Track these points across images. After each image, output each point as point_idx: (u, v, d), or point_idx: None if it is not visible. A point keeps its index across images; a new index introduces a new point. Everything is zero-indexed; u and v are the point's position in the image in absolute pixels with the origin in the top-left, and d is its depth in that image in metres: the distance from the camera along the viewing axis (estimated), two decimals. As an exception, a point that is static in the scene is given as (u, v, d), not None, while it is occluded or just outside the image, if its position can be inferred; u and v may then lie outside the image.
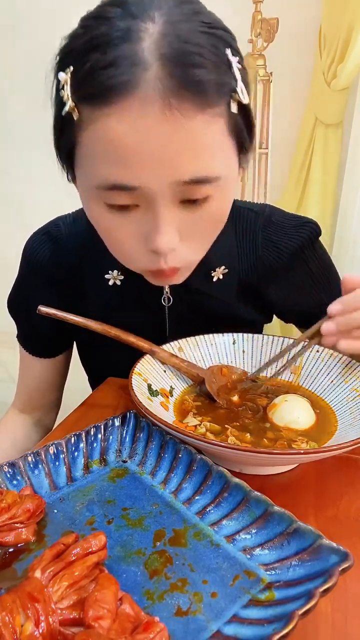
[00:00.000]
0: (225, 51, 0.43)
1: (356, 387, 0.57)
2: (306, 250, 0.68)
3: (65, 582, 0.33)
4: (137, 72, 0.39)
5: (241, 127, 0.47)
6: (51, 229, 0.69)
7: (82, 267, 0.68)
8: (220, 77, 0.42)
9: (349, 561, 0.34)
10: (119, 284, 0.67)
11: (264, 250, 0.68)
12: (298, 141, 1.44)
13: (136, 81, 0.40)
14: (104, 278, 0.67)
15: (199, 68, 0.40)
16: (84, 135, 0.44)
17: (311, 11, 1.30)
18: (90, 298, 0.69)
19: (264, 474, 0.51)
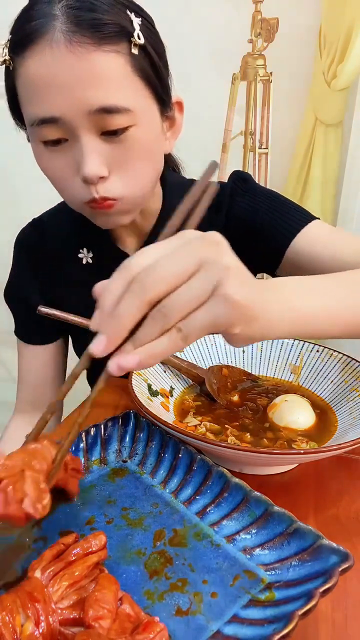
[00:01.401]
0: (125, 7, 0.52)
1: (356, 387, 0.57)
2: (236, 197, 0.70)
3: (65, 582, 0.33)
4: (47, 22, 0.49)
5: (146, 68, 0.54)
6: (35, 219, 0.78)
7: (61, 249, 0.74)
8: (115, 20, 0.50)
9: (349, 561, 0.34)
10: (91, 262, 0.72)
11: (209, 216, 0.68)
12: (298, 141, 1.44)
13: (46, 28, 0.49)
14: (78, 257, 0.72)
15: (96, 12, 0.50)
16: (17, 80, 0.53)
17: (311, 11, 1.30)
18: (69, 278, 0.74)
19: (264, 474, 0.51)
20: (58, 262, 0.74)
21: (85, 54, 0.49)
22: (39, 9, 0.50)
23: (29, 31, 0.50)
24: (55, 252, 0.74)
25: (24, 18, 0.52)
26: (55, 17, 0.49)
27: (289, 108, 1.41)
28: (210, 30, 1.41)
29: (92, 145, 0.53)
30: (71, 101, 0.50)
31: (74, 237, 0.72)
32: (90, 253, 0.72)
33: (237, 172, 0.73)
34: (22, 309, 0.79)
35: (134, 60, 0.52)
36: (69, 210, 0.62)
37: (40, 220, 0.77)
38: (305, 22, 1.32)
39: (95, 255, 0.72)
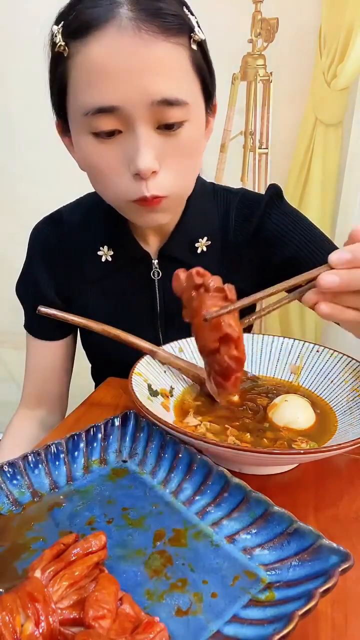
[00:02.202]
0: (182, 4, 0.53)
1: (356, 387, 0.57)
2: (269, 210, 0.72)
3: (66, 582, 0.33)
4: (112, 7, 0.49)
5: (202, 64, 0.55)
6: (53, 214, 0.76)
7: (80, 246, 0.73)
8: (181, 14, 0.51)
9: (349, 561, 0.34)
10: (110, 260, 0.71)
11: (237, 223, 0.72)
12: (298, 141, 1.44)
13: (111, 14, 0.48)
14: (97, 255, 0.72)
15: (163, 3, 0.50)
16: (72, 67, 0.52)
17: (311, 11, 1.30)
18: (87, 276, 0.73)
19: (264, 474, 0.51)
20: (76, 259, 0.73)
21: (154, 43, 0.49)
22: None
23: (93, 16, 0.49)
24: (74, 248, 0.73)
25: (84, 4, 0.50)
26: (119, 3, 0.49)
27: (289, 108, 1.41)
28: (210, 30, 1.40)
29: (147, 137, 0.52)
30: (135, 90, 0.49)
31: (94, 235, 0.72)
32: (110, 251, 0.71)
33: (274, 187, 0.73)
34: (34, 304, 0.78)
35: (193, 55, 0.53)
36: (89, 206, 0.62)
37: (59, 215, 0.76)
38: (305, 22, 1.32)
39: (116, 253, 0.71)
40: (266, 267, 0.74)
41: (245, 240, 0.72)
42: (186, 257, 0.71)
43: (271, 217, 0.72)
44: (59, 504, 0.45)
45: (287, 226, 0.72)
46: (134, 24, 0.48)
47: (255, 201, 0.73)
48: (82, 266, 0.73)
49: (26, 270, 0.78)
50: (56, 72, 0.54)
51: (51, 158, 1.53)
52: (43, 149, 1.50)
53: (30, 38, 1.49)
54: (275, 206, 0.73)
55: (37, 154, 1.51)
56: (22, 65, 1.43)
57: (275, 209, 0.72)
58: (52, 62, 0.55)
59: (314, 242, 0.70)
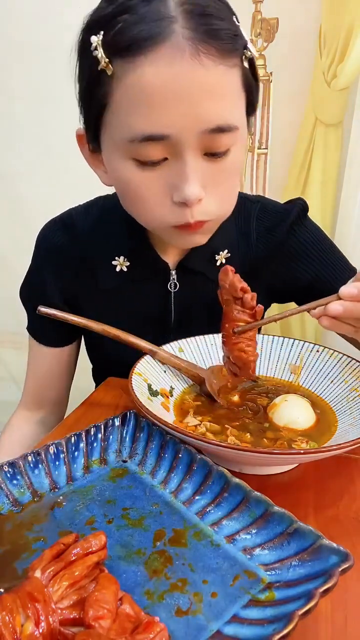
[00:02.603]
0: (232, 13, 0.49)
1: (356, 387, 0.57)
2: (295, 227, 0.71)
3: (66, 582, 0.33)
4: (165, 24, 0.44)
5: (251, 81, 0.51)
6: (64, 218, 0.73)
7: (92, 254, 0.70)
8: (235, 30, 0.47)
9: (349, 561, 0.34)
10: (126, 270, 0.69)
11: (258, 236, 0.71)
12: (298, 141, 1.44)
13: (166, 32, 0.44)
14: (112, 264, 0.69)
15: (219, 20, 0.46)
16: (117, 88, 0.47)
17: (311, 11, 1.30)
18: (100, 284, 0.71)
19: (264, 474, 0.51)
20: (88, 266, 0.71)
21: (212, 67, 0.45)
22: (153, 9, 0.44)
23: (145, 34, 0.44)
24: (86, 256, 0.70)
25: (131, 16, 0.45)
26: (173, 19, 0.44)
27: (289, 108, 1.41)
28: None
29: (195, 165, 0.49)
30: (189, 118, 0.46)
31: (109, 244, 0.69)
32: (127, 262, 0.68)
33: (301, 203, 0.72)
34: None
35: (244, 73, 0.50)
36: (102, 212, 0.58)
37: (70, 219, 0.72)
38: (305, 22, 1.32)
39: (133, 263, 0.68)
40: (284, 283, 0.74)
41: (266, 254, 0.71)
42: (206, 269, 0.69)
43: (296, 234, 0.71)
44: (59, 504, 0.45)
45: (310, 245, 0.72)
46: (192, 45, 0.44)
47: (279, 214, 0.71)
48: (94, 274, 0.71)
49: (32, 274, 0.76)
50: (95, 89, 0.49)
51: (51, 158, 1.53)
52: (43, 149, 1.51)
53: (31, 38, 1.50)
54: (301, 223, 0.71)
55: (37, 154, 1.51)
56: (23, 65, 1.44)
57: (301, 226, 0.71)
58: (91, 78, 0.49)
59: (335, 265, 0.72)
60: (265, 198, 0.75)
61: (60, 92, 1.33)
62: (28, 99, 1.45)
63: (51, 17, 1.33)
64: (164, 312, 0.71)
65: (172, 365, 0.63)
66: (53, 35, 1.39)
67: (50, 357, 0.79)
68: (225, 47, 0.45)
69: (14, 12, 1.49)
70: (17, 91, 1.53)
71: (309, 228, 0.73)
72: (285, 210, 0.72)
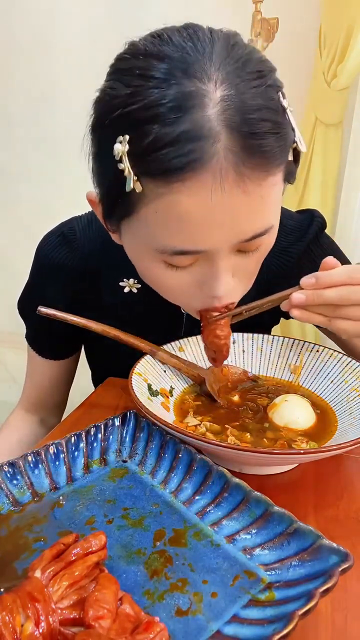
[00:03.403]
0: (279, 97, 0.43)
1: (356, 387, 0.57)
2: (312, 247, 0.69)
3: (66, 582, 0.33)
4: (206, 146, 0.38)
5: (292, 169, 0.47)
6: (66, 231, 0.68)
7: (96, 272, 0.68)
8: (284, 139, 0.42)
9: (349, 561, 0.34)
10: (135, 291, 0.67)
11: (273, 256, 0.67)
12: (298, 141, 1.44)
13: (208, 156, 0.38)
14: (119, 285, 0.67)
15: (267, 136, 0.40)
16: (147, 207, 0.43)
17: (311, 11, 1.30)
18: (105, 303, 0.69)
19: (264, 474, 0.51)
20: (91, 285, 0.68)
21: (257, 190, 0.41)
22: (191, 121, 0.37)
23: (184, 159, 0.38)
24: (89, 275, 0.67)
25: (164, 129, 0.38)
26: (216, 136, 0.38)
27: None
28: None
29: (227, 264, 0.47)
30: (227, 237, 0.44)
31: (116, 264, 0.64)
32: (138, 284, 0.66)
33: (319, 221, 0.69)
34: (40, 326, 0.73)
35: (287, 168, 0.46)
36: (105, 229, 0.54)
37: (73, 234, 0.68)
38: (305, 22, 1.32)
39: (144, 286, 0.63)
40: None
41: (280, 274, 0.68)
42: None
43: (313, 254, 0.69)
44: (59, 504, 0.45)
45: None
46: (235, 169, 0.39)
47: (294, 231, 0.68)
48: (99, 293, 0.68)
49: (31, 289, 0.73)
50: (119, 195, 0.44)
51: (51, 158, 1.53)
52: (43, 149, 1.50)
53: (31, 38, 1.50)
54: (318, 242, 0.69)
55: (37, 154, 1.51)
56: (23, 65, 1.44)
57: (318, 246, 0.69)
58: (114, 184, 0.43)
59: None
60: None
61: (60, 92, 1.33)
62: (28, 99, 1.45)
63: (51, 17, 1.33)
64: (174, 334, 0.69)
65: (172, 365, 0.63)
66: (54, 35, 1.39)
67: (49, 369, 0.79)
68: (272, 164, 0.41)
69: (14, 12, 1.49)
70: (17, 91, 1.53)
71: (326, 247, 0.70)
72: (302, 227, 0.69)
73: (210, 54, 0.40)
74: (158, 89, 0.38)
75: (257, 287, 0.68)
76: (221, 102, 0.38)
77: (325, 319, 0.52)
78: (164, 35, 0.42)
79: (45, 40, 1.37)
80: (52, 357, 0.77)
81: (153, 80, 0.39)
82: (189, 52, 0.40)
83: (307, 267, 0.67)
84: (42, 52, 1.39)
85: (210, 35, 0.42)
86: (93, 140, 0.47)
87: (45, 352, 0.77)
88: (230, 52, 0.41)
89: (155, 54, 0.40)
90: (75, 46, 1.29)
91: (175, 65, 0.39)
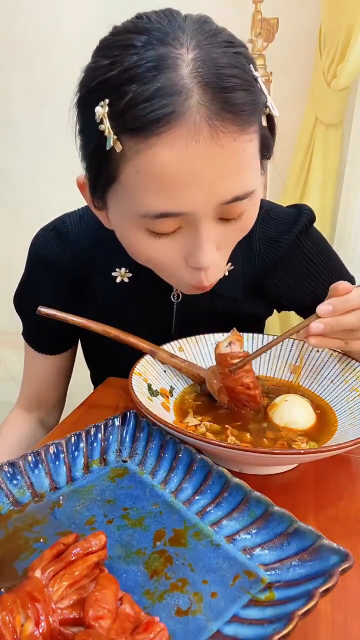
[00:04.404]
0: (250, 67, 0.45)
1: (356, 387, 0.57)
2: (302, 238, 0.70)
3: (66, 582, 0.33)
4: (180, 100, 0.40)
5: (268, 138, 0.49)
6: (58, 226, 0.70)
7: (89, 264, 0.69)
8: (254, 96, 0.44)
9: (349, 561, 0.34)
10: (127, 281, 0.68)
11: (262, 245, 0.69)
12: (298, 141, 1.44)
13: (182, 110, 0.41)
14: (111, 275, 0.68)
15: (237, 91, 0.42)
16: (128, 166, 0.44)
17: (311, 11, 1.30)
18: (98, 295, 0.70)
19: (264, 474, 0.51)
20: (84, 277, 0.69)
21: (231, 144, 0.42)
22: (165, 79, 0.40)
23: (159, 113, 0.40)
24: (82, 267, 0.69)
25: (140, 88, 0.40)
26: (189, 92, 0.40)
27: (289, 108, 1.41)
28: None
29: (209, 233, 0.48)
30: (205, 196, 0.45)
31: (109, 254, 0.67)
32: (129, 273, 0.67)
33: (308, 213, 0.70)
34: (35, 320, 0.72)
35: (263, 133, 0.47)
36: (98, 223, 0.56)
37: (65, 227, 0.69)
38: (305, 22, 1.32)
39: (135, 275, 0.67)
40: (288, 296, 0.73)
41: (270, 266, 0.70)
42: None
43: (302, 246, 0.70)
44: (59, 504, 0.45)
45: (316, 259, 0.71)
46: (209, 123, 0.41)
47: (283, 222, 0.69)
48: (92, 285, 0.69)
49: (26, 285, 0.74)
50: (102, 162, 0.46)
51: (51, 159, 1.53)
52: (43, 149, 1.51)
53: (31, 38, 1.50)
54: (307, 234, 0.70)
55: (37, 154, 1.51)
56: (23, 65, 1.44)
57: (307, 238, 0.70)
58: (97, 149, 0.46)
59: (337, 274, 0.72)
60: (268, 202, 0.72)
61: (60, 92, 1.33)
62: (28, 98, 1.45)
63: (52, 17, 1.33)
64: (165, 322, 0.71)
65: (172, 365, 0.63)
66: (53, 35, 1.39)
67: (46, 364, 0.79)
68: (245, 120, 0.43)
69: (14, 11, 1.49)
70: (17, 91, 1.53)
71: (315, 240, 0.71)
72: (291, 218, 0.70)
73: (184, 27, 0.43)
74: (136, 55, 0.41)
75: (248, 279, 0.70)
76: (193, 62, 0.41)
77: (342, 342, 0.54)
78: (143, 16, 0.45)
79: (45, 40, 1.38)
80: (48, 352, 0.78)
81: (132, 48, 0.42)
82: (165, 26, 0.43)
83: (297, 258, 0.70)
84: (42, 52, 1.39)
85: (184, 16, 0.46)
86: (78, 115, 0.48)
87: (42, 346, 0.77)
88: (202, 26, 0.45)
89: (134, 30, 0.44)
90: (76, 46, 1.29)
91: (153, 35, 0.42)
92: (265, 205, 0.71)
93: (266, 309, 0.76)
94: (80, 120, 0.49)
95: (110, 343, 0.63)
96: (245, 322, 0.69)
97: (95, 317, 0.65)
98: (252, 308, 0.73)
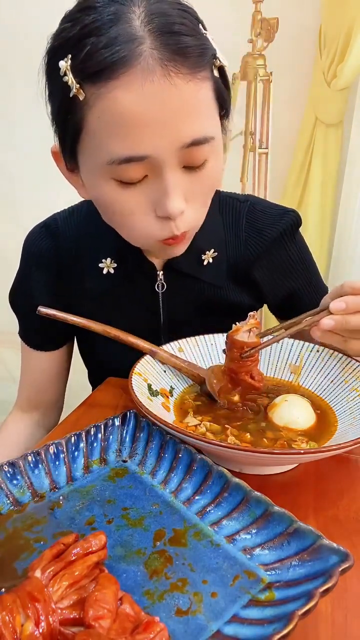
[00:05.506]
0: (199, 24, 0.49)
1: (356, 387, 0.57)
2: (286, 237, 0.72)
3: (66, 582, 0.33)
4: (133, 46, 0.44)
5: (222, 90, 0.52)
6: (49, 222, 0.73)
7: (79, 258, 0.71)
8: (203, 43, 0.48)
9: (349, 561, 0.34)
10: (113, 272, 0.69)
11: (248, 235, 0.71)
12: (298, 141, 1.44)
13: (135, 54, 0.44)
14: (98, 267, 0.69)
15: (185, 36, 0.46)
16: (91, 114, 0.47)
17: (311, 11, 1.30)
18: (87, 288, 0.71)
19: (264, 474, 0.51)
20: (75, 271, 0.71)
21: (183, 85, 0.45)
22: (120, 30, 0.44)
23: (114, 57, 0.44)
24: (73, 260, 0.71)
25: (98, 39, 0.44)
26: (141, 39, 0.44)
27: (289, 108, 1.41)
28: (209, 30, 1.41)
29: (176, 180, 0.50)
30: (166, 137, 0.47)
31: (95, 247, 0.69)
32: (113, 263, 0.68)
33: (296, 216, 0.72)
34: (29, 316, 0.74)
35: (215, 83, 0.50)
36: (86, 216, 0.59)
37: (55, 224, 0.72)
38: (305, 22, 1.32)
39: (120, 265, 0.69)
40: (266, 291, 0.75)
41: (254, 256, 0.71)
42: (192, 269, 0.69)
43: (285, 246, 0.72)
44: (59, 504, 0.45)
45: (296, 260, 0.73)
46: (161, 65, 0.44)
47: (269, 215, 0.71)
48: (81, 278, 0.71)
49: (20, 281, 0.76)
50: (68, 114, 0.49)
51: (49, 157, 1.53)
52: (43, 149, 1.51)
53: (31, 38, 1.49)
54: (292, 235, 0.72)
55: (37, 154, 1.51)
56: (23, 65, 1.44)
57: (291, 239, 0.72)
58: (63, 103, 0.49)
59: (314, 281, 0.75)
60: (254, 197, 0.75)
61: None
62: (28, 98, 1.45)
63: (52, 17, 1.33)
64: (153, 313, 0.71)
65: (172, 365, 0.63)
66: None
67: (43, 361, 0.79)
68: (194, 63, 0.46)
69: (14, 12, 1.49)
70: (17, 90, 1.53)
71: (298, 243, 0.73)
72: (276, 215, 0.71)
73: None
74: (93, 14, 0.45)
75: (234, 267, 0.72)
76: (145, 14, 0.45)
77: (342, 340, 0.55)
78: None
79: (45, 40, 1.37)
80: (44, 348, 0.78)
81: (90, 10, 0.46)
82: None
83: (278, 256, 0.73)
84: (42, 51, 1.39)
85: None
86: (46, 81, 0.52)
87: (38, 343, 0.78)
88: None
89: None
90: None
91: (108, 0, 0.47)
92: (251, 200, 0.73)
93: (252, 300, 0.77)
94: (48, 85, 0.52)
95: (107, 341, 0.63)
96: (233, 312, 0.69)
97: (87, 310, 0.67)
98: (238, 298, 0.74)
